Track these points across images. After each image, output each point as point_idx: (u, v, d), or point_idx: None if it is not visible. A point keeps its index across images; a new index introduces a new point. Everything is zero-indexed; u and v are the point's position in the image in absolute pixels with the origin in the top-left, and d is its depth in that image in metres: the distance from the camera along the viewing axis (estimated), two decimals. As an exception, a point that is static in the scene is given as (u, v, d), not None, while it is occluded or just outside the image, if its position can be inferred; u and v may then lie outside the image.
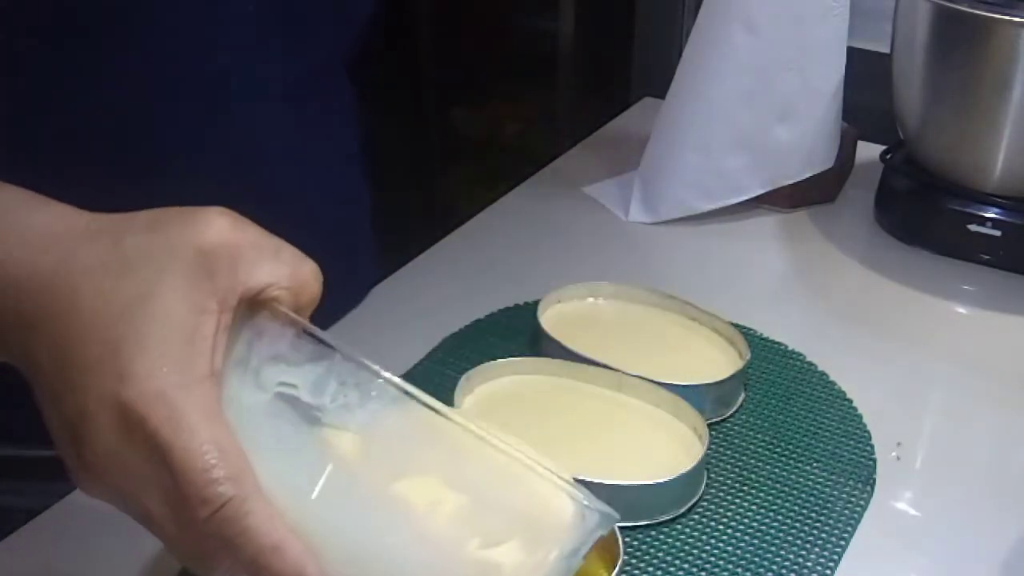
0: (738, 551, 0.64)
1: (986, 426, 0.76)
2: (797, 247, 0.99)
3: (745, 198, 1.00)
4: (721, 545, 0.65)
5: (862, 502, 0.68)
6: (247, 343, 0.42)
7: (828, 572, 0.63)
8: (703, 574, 0.63)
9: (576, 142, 1.17)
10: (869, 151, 1.07)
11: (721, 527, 0.66)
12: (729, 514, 0.67)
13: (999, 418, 0.77)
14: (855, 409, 0.76)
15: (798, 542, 0.65)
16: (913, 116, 0.97)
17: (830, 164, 1.01)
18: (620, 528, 0.59)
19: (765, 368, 0.80)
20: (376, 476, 0.41)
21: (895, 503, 0.69)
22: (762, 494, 0.68)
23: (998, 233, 0.92)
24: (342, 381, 0.41)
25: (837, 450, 0.72)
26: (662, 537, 0.65)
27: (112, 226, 0.42)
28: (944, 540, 0.67)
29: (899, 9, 0.95)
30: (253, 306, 0.42)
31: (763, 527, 0.66)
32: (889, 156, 1.00)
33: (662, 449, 0.70)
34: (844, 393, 0.78)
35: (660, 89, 1.03)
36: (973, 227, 0.93)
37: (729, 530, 0.66)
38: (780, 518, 0.66)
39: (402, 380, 0.40)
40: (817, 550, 0.64)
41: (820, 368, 0.81)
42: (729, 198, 0.99)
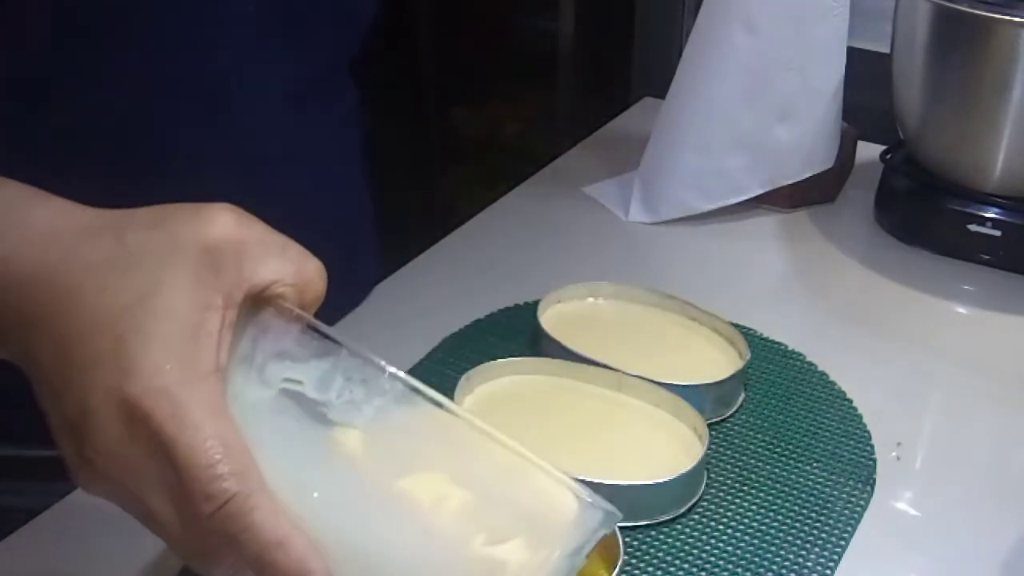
0: (738, 551, 0.64)
1: (986, 426, 0.76)
2: (797, 247, 0.99)
3: (745, 198, 1.00)
4: (721, 545, 0.65)
5: (862, 502, 0.68)
6: (252, 340, 0.42)
7: (828, 572, 0.63)
8: (703, 574, 0.63)
9: (576, 142, 1.17)
10: (869, 151, 1.07)
11: (721, 527, 0.66)
12: (729, 514, 0.67)
13: (999, 418, 0.77)
14: (855, 409, 0.76)
15: (798, 542, 0.65)
16: (913, 116, 0.97)
17: (830, 164, 1.01)
18: (620, 528, 0.59)
19: (765, 368, 0.80)
20: (381, 472, 0.41)
21: (895, 503, 0.69)
22: (762, 494, 0.68)
23: (998, 233, 0.92)
24: (348, 377, 0.41)
25: (837, 450, 0.72)
26: (662, 537, 0.65)
27: (114, 222, 0.42)
28: (944, 540, 0.67)
29: (899, 9, 0.95)
30: (257, 303, 0.42)
31: (763, 527, 0.66)
32: (889, 156, 1.00)
33: (662, 449, 0.70)
34: (844, 393, 0.78)
35: (660, 89, 1.03)
36: (973, 227, 0.93)
37: (729, 530, 0.66)
38: (780, 518, 0.66)
39: (409, 376, 0.40)
40: (817, 550, 0.64)
41: (820, 368, 0.81)
42: (729, 198, 0.99)
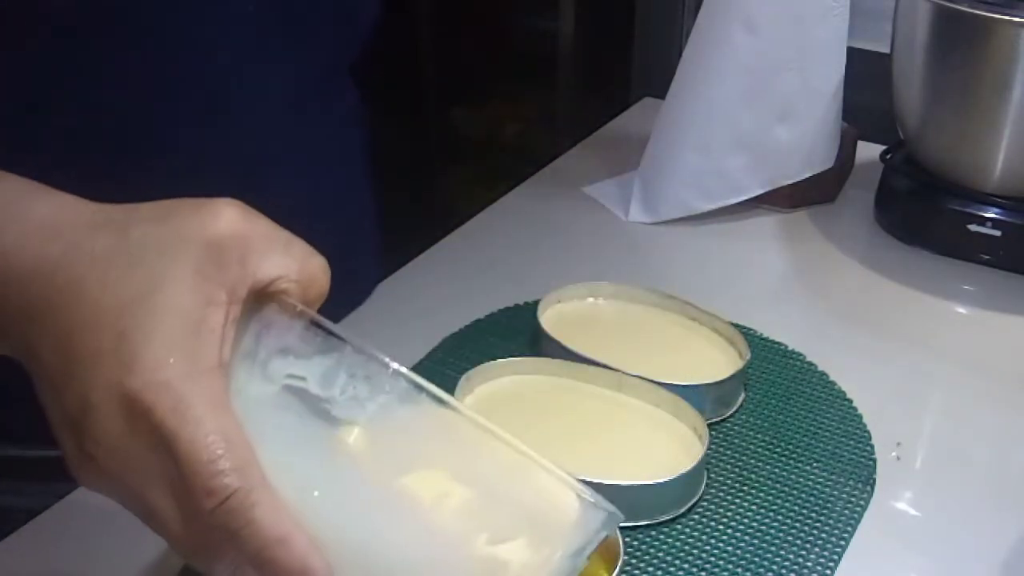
0: (738, 551, 0.64)
1: (986, 426, 0.76)
2: (797, 247, 0.99)
3: (745, 198, 1.00)
4: (721, 545, 0.65)
5: (862, 502, 0.68)
6: (255, 335, 0.42)
7: (828, 572, 0.63)
8: (703, 574, 0.63)
9: (576, 142, 1.17)
10: (869, 151, 1.07)
11: (721, 527, 0.66)
12: (729, 514, 0.67)
13: (999, 418, 0.77)
14: (855, 409, 0.76)
15: (798, 542, 0.65)
16: (913, 116, 0.97)
17: (830, 164, 1.01)
18: (620, 528, 0.59)
19: (765, 368, 0.80)
20: (383, 469, 0.41)
21: (895, 503, 0.69)
22: (762, 494, 0.68)
23: (998, 233, 0.92)
24: (352, 373, 0.41)
25: (837, 450, 0.72)
26: (662, 537, 0.65)
27: (117, 217, 0.42)
28: (944, 540, 0.67)
29: (899, 9, 0.95)
30: (261, 299, 0.42)
31: (763, 527, 0.66)
32: (889, 156, 1.00)
33: (662, 449, 0.70)
34: (844, 393, 0.78)
35: (660, 89, 1.03)
36: (973, 227, 0.93)
37: (729, 530, 0.66)
38: (780, 518, 0.66)
39: (413, 373, 0.40)
40: (817, 550, 0.64)
41: (820, 368, 0.81)
42: (729, 198, 0.99)
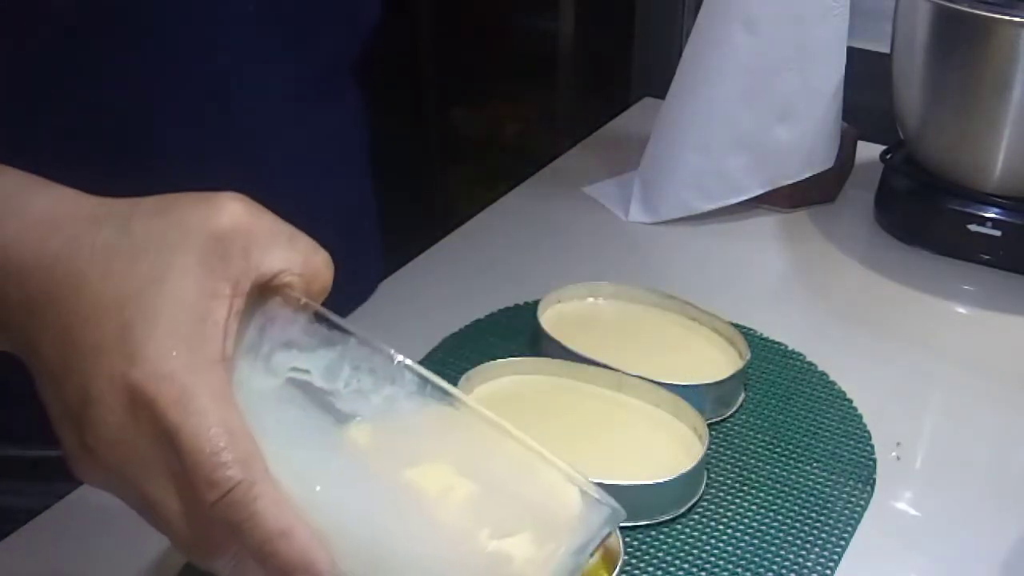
0: (738, 551, 0.64)
1: (986, 426, 0.76)
2: (797, 247, 0.99)
3: (745, 198, 1.00)
4: (721, 545, 0.65)
5: (862, 502, 0.68)
6: (259, 329, 0.42)
7: (828, 572, 0.63)
8: (703, 574, 0.63)
9: (576, 142, 1.17)
10: (869, 151, 1.07)
11: (721, 527, 0.66)
12: (729, 514, 0.67)
13: (999, 418, 0.77)
14: (855, 409, 0.76)
15: (798, 542, 0.65)
16: (913, 116, 0.97)
17: (830, 164, 1.01)
18: (620, 528, 0.59)
19: (765, 368, 0.80)
20: (387, 462, 0.41)
21: (895, 503, 0.69)
22: (762, 494, 0.68)
23: (998, 233, 0.92)
24: (356, 366, 0.40)
25: (837, 450, 0.72)
26: (662, 537, 0.65)
27: (119, 210, 0.42)
28: (944, 540, 0.67)
29: (899, 9, 0.95)
30: (265, 292, 0.42)
31: (763, 527, 0.66)
32: (889, 156, 1.00)
33: (662, 449, 0.70)
34: (844, 393, 0.78)
35: (660, 89, 1.03)
36: (973, 227, 0.93)
37: (729, 530, 0.66)
38: (780, 518, 0.66)
39: (418, 365, 0.40)
40: (817, 550, 0.64)
41: (820, 368, 0.81)
42: (729, 198, 0.99)
